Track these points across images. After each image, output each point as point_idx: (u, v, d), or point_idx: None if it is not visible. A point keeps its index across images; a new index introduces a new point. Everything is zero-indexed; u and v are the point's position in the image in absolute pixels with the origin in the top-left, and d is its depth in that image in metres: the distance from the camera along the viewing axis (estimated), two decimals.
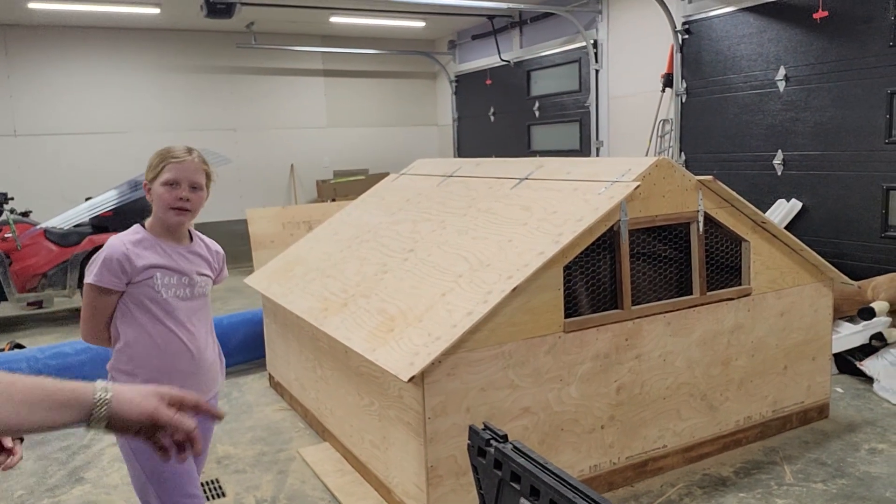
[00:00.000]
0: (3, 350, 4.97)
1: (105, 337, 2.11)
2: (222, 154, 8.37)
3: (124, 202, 6.33)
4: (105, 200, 6.45)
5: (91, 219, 6.48)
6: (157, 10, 7.77)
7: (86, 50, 8.75)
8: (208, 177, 2.14)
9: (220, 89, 9.58)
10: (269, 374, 4.66)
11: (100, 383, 1.03)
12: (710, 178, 3.19)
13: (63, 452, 3.75)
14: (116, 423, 1.03)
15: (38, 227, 6.38)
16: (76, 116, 8.77)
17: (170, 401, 1.11)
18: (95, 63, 8.82)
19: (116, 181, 7.51)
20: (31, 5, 7.22)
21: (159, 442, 1.10)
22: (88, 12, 7.77)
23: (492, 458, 1.35)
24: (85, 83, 8.79)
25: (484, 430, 1.42)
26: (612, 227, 2.94)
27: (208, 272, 2.21)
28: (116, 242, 2.04)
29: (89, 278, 2.01)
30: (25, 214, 7.04)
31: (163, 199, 2.05)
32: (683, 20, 6.31)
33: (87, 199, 6.91)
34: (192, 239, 2.21)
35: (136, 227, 2.12)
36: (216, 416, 1.25)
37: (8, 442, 1.20)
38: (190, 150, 2.11)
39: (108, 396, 1.02)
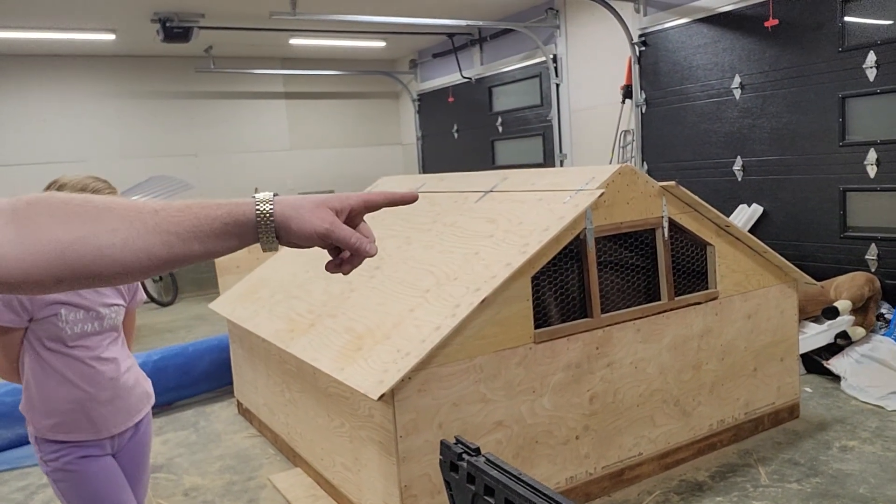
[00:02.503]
0: None
1: (17, 377, 2.02)
2: (184, 180, 8.25)
3: None
4: None
5: None
6: (112, 36, 7.65)
7: (41, 79, 8.57)
8: None
9: (180, 114, 9.45)
10: (238, 401, 4.55)
11: (261, 196, 0.86)
12: (672, 183, 3.21)
13: (21, 493, 3.60)
14: (286, 240, 0.87)
15: None
16: (33, 147, 8.57)
17: (351, 210, 0.91)
18: (51, 92, 8.65)
19: None
20: None
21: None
22: (42, 40, 7.62)
23: (464, 472, 1.31)
24: (41, 113, 8.60)
25: (456, 444, 1.38)
26: (578, 235, 2.94)
27: (118, 301, 2.11)
28: None
29: None
30: None
31: None
32: (640, 32, 6.41)
33: None
34: None
35: None
36: (408, 199, 0.97)
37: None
38: (97, 178, 2.05)
39: (268, 209, 0.85)
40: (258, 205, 0.85)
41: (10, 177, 8.41)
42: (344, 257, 0.92)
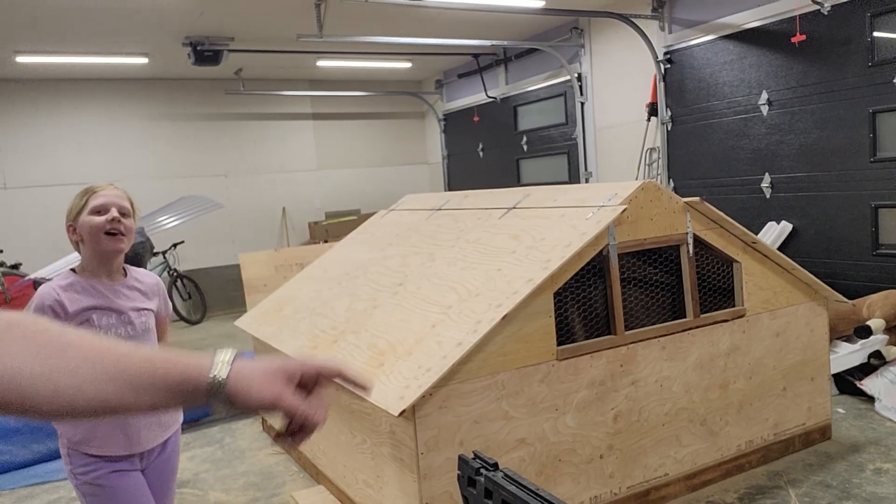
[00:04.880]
0: None
1: None
2: (214, 199, 8.38)
3: None
4: None
5: None
6: (145, 60, 7.84)
7: (75, 102, 8.81)
8: (133, 208, 2.09)
9: (210, 136, 9.63)
10: (262, 418, 4.57)
11: (219, 356, 0.89)
12: (697, 199, 3.19)
13: None
14: (236, 406, 0.89)
15: (27, 278, 6.33)
16: (66, 168, 8.79)
17: (302, 377, 0.92)
18: (85, 114, 8.88)
19: None
20: (19, 59, 7.28)
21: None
22: (77, 64, 7.84)
23: (482, 487, 1.30)
24: (75, 134, 8.83)
25: (474, 458, 1.37)
26: (601, 251, 2.92)
27: (149, 305, 2.12)
28: (47, 289, 1.96)
29: None
30: (16, 267, 6.99)
31: (94, 226, 1.97)
32: (665, 50, 6.40)
33: None
34: (126, 274, 2.13)
35: (67, 272, 2.04)
36: (364, 386, 1.05)
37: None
38: (112, 184, 2.09)
39: (222, 378, 0.87)
40: (213, 370, 0.87)
41: (47, 197, 8.63)
42: (293, 428, 0.94)
